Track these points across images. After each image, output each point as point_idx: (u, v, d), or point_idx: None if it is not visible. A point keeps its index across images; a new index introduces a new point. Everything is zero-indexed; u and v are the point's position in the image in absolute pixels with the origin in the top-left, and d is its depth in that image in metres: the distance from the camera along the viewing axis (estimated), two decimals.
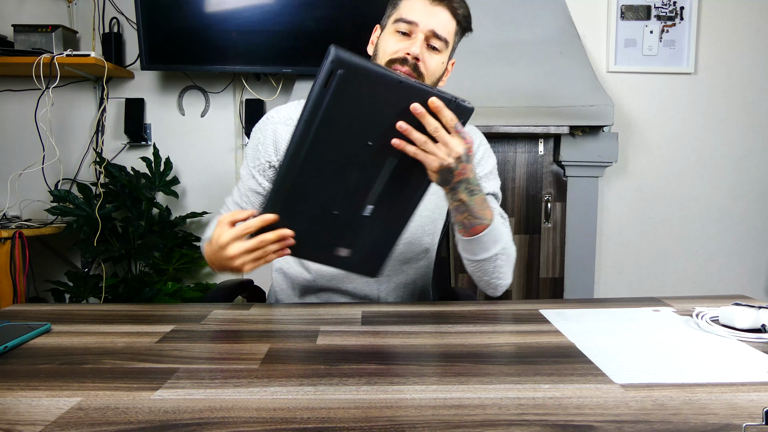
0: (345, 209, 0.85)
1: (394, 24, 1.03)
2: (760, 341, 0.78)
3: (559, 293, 2.34)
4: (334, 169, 0.81)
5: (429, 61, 1.02)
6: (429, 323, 0.88)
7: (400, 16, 1.02)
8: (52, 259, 2.43)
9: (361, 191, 0.84)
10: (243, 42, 2.18)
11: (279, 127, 1.10)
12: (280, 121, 1.11)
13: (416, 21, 1.00)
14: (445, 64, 1.06)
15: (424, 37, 1.01)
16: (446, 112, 0.78)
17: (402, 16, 1.01)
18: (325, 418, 0.55)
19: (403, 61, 1.00)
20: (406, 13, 1.02)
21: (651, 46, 2.46)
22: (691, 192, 2.56)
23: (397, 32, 1.02)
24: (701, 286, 2.58)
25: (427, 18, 1.01)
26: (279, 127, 1.10)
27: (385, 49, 1.03)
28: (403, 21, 1.01)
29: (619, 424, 0.53)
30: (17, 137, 2.37)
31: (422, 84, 0.79)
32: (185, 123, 2.43)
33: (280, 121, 1.11)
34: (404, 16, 1.01)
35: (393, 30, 1.03)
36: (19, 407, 0.57)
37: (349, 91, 0.75)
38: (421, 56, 1.00)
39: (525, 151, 2.30)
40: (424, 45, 1.01)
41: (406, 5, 1.03)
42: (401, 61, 1.00)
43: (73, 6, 2.35)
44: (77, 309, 1.00)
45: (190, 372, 0.67)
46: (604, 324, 0.87)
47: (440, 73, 1.06)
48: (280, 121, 1.11)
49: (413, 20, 1.00)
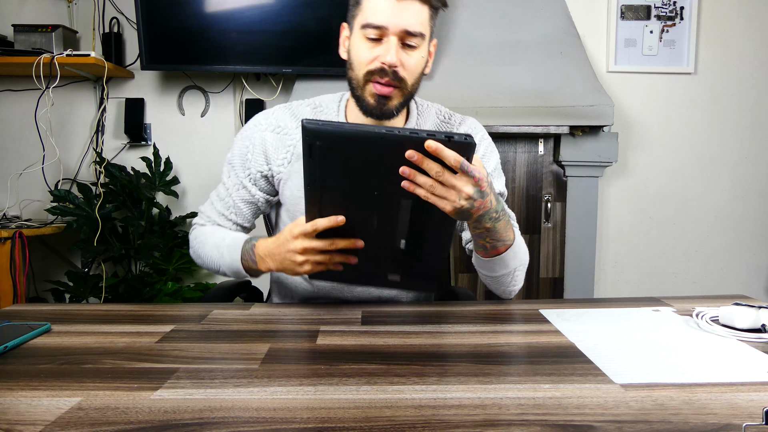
0: (380, 246, 0.86)
1: (362, 30, 0.95)
2: (760, 341, 0.78)
3: (559, 293, 2.34)
4: (355, 220, 0.84)
5: (407, 61, 0.96)
6: (429, 323, 0.88)
7: (366, 21, 0.94)
8: (52, 259, 2.43)
9: (388, 231, 0.84)
10: (243, 42, 2.18)
11: (267, 135, 1.06)
12: (269, 129, 1.07)
13: (385, 24, 0.93)
14: (425, 56, 1.00)
15: (397, 39, 0.94)
16: (447, 153, 0.73)
17: (368, 20, 0.94)
18: (325, 418, 0.55)
19: (381, 71, 0.95)
20: (372, 16, 0.93)
21: (651, 46, 2.46)
22: (691, 192, 2.56)
23: (367, 39, 0.95)
24: (701, 286, 2.58)
25: (396, 18, 0.92)
26: (267, 135, 1.06)
27: (359, 59, 0.97)
28: (371, 26, 0.94)
29: (619, 424, 0.53)
30: (17, 137, 2.37)
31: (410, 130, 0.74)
32: (185, 123, 2.43)
33: (268, 129, 1.07)
34: (371, 20, 0.93)
35: (362, 36, 0.96)
36: (19, 407, 0.57)
37: (335, 156, 0.77)
38: (398, 61, 0.94)
39: (525, 151, 2.30)
40: (398, 47, 0.94)
41: (369, 5, 0.94)
42: (379, 72, 0.95)
43: (73, 6, 2.35)
44: (77, 309, 1.00)
45: (190, 372, 0.67)
46: (604, 324, 0.87)
47: (422, 65, 1.00)
48: (269, 129, 1.07)
49: (381, 24, 0.93)
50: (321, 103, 1.09)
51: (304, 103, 1.10)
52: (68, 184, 2.37)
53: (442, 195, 0.76)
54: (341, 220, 0.83)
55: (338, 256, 0.87)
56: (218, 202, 1.10)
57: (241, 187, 1.08)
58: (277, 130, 1.06)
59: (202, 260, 1.09)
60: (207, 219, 1.11)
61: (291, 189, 1.06)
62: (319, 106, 1.08)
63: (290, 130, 1.05)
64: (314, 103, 1.09)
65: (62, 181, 2.35)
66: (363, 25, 0.95)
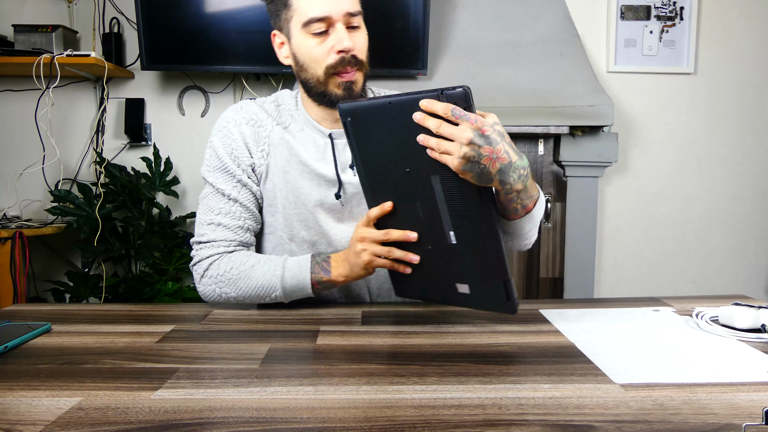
0: (433, 243, 0.85)
1: (304, 28, 0.95)
2: (760, 341, 0.78)
3: (559, 293, 2.34)
4: (402, 209, 0.86)
5: (358, 42, 0.96)
6: (429, 323, 0.88)
7: (307, 17, 0.94)
8: (52, 259, 2.43)
9: (434, 221, 0.83)
10: (243, 42, 2.18)
11: (244, 129, 1.03)
12: (243, 122, 1.03)
13: (329, 14, 0.93)
14: (366, 31, 1.00)
15: (343, 24, 0.94)
16: (438, 106, 0.73)
17: (310, 15, 0.93)
18: (325, 418, 0.55)
19: (341, 62, 0.95)
20: (311, 10, 0.93)
21: (651, 46, 2.46)
22: (691, 192, 2.56)
23: (313, 35, 0.95)
24: (701, 286, 2.58)
25: (335, 3, 0.93)
26: (244, 128, 1.03)
27: (311, 58, 0.96)
28: (315, 21, 0.93)
29: (619, 424, 0.53)
30: (17, 137, 2.37)
31: (409, 94, 0.76)
32: (185, 123, 2.43)
33: (243, 122, 1.03)
34: (313, 14, 0.93)
35: (307, 34, 0.95)
36: (19, 407, 0.58)
37: (365, 132, 0.83)
38: (353, 44, 0.95)
39: (525, 151, 2.30)
40: (345, 31, 0.94)
41: (307, 3, 0.94)
42: (340, 63, 0.95)
43: (73, 6, 2.35)
44: (77, 309, 1.00)
45: (190, 372, 0.67)
46: (604, 324, 0.87)
47: (368, 41, 1.00)
48: (243, 122, 1.03)
49: (325, 15, 0.93)
50: (283, 101, 1.08)
51: (267, 100, 1.09)
52: (68, 184, 2.37)
53: (446, 149, 0.74)
54: (389, 206, 0.86)
55: (397, 251, 0.87)
56: (225, 218, 1.00)
57: (242, 187, 1.02)
58: (251, 123, 1.03)
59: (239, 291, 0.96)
60: (227, 243, 0.99)
61: (272, 181, 1.03)
62: (282, 105, 1.07)
63: (263, 122, 1.04)
64: (276, 101, 1.08)
65: (62, 181, 2.34)
66: (304, 23, 0.94)
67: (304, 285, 0.94)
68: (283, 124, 1.05)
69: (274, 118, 1.05)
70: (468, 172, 0.74)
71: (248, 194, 1.03)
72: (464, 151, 0.73)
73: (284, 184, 1.03)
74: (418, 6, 2.15)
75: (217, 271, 0.97)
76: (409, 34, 2.18)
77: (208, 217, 1.00)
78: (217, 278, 0.97)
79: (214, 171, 1.02)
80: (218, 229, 0.99)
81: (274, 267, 0.95)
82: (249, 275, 0.95)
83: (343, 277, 0.94)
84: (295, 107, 1.07)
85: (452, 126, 0.73)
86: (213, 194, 1.02)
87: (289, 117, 1.06)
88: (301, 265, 0.95)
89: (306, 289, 0.95)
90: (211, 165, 1.03)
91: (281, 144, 1.03)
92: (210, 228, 1.00)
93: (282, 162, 1.02)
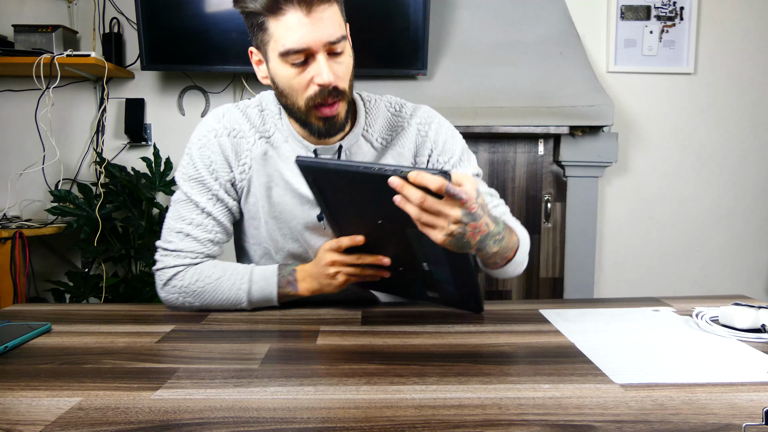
0: (406, 266, 0.89)
1: (282, 58, 0.86)
2: (760, 341, 0.78)
3: (559, 293, 2.34)
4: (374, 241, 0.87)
5: (340, 71, 0.88)
6: (429, 323, 0.88)
7: (285, 48, 0.84)
8: (52, 259, 2.43)
9: (407, 255, 0.85)
10: (243, 42, 2.18)
11: (224, 141, 0.98)
12: (224, 134, 0.98)
13: (306, 46, 0.84)
14: (351, 53, 0.92)
15: (324, 54, 0.86)
16: (428, 179, 0.70)
17: (287, 47, 0.84)
18: (325, 418, 0.55)
19: (320, 93, 0.87)
20: (288, 41, 0.84)
21: (651, 47, 2.46)
22: (691, 192, 2.56)
23: (291, 65, 0.86)
24: (701, 286, 2.58)
25: (314, 33, 0.83)
26: (224, 140, 0.98)
27: (290, 88, 0.89)
28: (293, 52, 0.85)
29: (619, 424, 0.53)
30: (17, 137, 2.37)
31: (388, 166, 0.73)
32: (185, 123, 2.43)
33: (224, 134, 0.98)
34: (290, 46, 0.84)
35: (282, 63, 0.87)
36: (19, 407, 0.58)
37: (332, 188, 0.82)
38: (334, 77, 0.86)
39: (525, 151, 2.30)
40: (327, 61, 0.86)
41: (280, 30, 0.84)
42: (320, 95, 0.87)
43: (73, 6, 2.35)
44: (77, 309, 1.00)
45: (190, 372, 0.67)
46: (604, 324, 0.87)
47: (352, 64, 0.93)
48: (224, 134, 0.98)
49: (303, 47, 0.84)
50: (266, 106, 1.01)
51: (251, 103, 1.02)
52: (68, 184, 2.37)
53: (430, 222, 0.73)
54: (360, 240, 0.87)
55: (369, 270, 0.90)
56: (196, 230, 0.97)
57: (216, 201, 0.98)
58: (233, 134, 0.98)
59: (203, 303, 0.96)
60: (193, 255, 0.97)
61: (255, 196, 1.00)
62: (265, 109, 1.01)
63: (245, 133, 0.98)
64: (260, 105, 1.01)
65: (62, 181, 2.34)
66: (281, 53, 0.85)
67: (271, 298, 0.96)
68: (266, 134, 0.99)
69: (257, 129, 0.99)
70: (450, 244, 0.76)
71: (222, 208, 0.99)
72: (452, 228, 0.74)
73: (266, 200, 0.99)
74: (418, 6, 2.15)
75: (181, 282, 0.95)
76: (409, 34, 2.18)
77: (178, 224, 0.97)
78: (181, 289, 0.95)
79: (190, 180, 0.98)
80: (186, 239, 0.97)
81: (240, 280, 0.95)
82: (215, 288, 0.95)
83: (311, 292, 0.95)
84: (279, 116, 1.00)
85: (438, 202, 0.72)
86: (186, 202, 0.98)
87: (272, 125, 0.99)
88: (267, 279, 0.95)
89: (272, 302, 0.96)
90: (187, 173, 0.99)
91: (264, 159, 0.98)
92: (179, 237, 0.97)
93: (264, 178, 0.98)
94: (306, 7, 0.83)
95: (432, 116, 1.05)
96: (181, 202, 0.98)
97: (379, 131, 1.02)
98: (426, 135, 1.03)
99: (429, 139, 1.03)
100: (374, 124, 1.02)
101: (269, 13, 0.84)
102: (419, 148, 1.03)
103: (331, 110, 0.90)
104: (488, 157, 2.30)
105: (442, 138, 1.03)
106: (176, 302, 0.97)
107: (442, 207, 0.72)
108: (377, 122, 1.03)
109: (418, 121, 1.03)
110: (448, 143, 1.04)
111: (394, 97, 1.08)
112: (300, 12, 0.83)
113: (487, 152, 2.29)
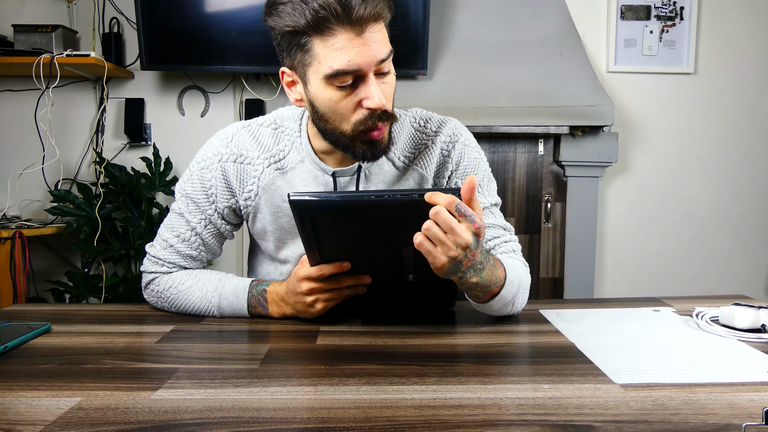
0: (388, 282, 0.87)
1: (328, 80, 0.80)
2: (760, 341, 0.78)
3: (559, 293, 2.34)
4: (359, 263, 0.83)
5: (387, 91, 0.84)
6: (429, 323, 0.88)
7: (333, 69, 0.79)
8: (52, 259, 2.43)
9: (394, 271, 0.84)
10: (243, 42, 2.18)
11: (229, 167, 0.96)
12: (230, 159, 0.96)
13: (358, 67, 0.79)
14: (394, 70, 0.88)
15: (373, 76, 0.81)
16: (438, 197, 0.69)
17: (335, 68, 0.78)
18: (325, 418, 0.55)
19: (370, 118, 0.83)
20: (337, 62, 0.78)
21: (651, 46, 2.46)
22: (691, 192, 2.56)
23: (337, 87, 0.81)
24: (701, 286, 2.58)
25: (366, 54, 0.79)
26: (229, 166, 0.96)
27: (337, 113, 0.84)
28: (344, 73, 0.79)
29: (619, 424, 0.53)
30: (17, 137, 2.37)
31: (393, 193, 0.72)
32: (185, 123, 2.43)
33: (229, 160, 0.96)
34: (339, 67, 0.78)
35: (330, 86, 0.81)
36: (19, 407, 0.58)
37: (329, 223, 0.78)
38: (386, 99, 0.82)
39: (525, 151, 2.30)
40: (377, 85, 0.82)
41: (329, 52, 0.79)
42: (371, 119, 0.83)
43: (73, 6, 2.35)
44: (77, 309, 1.00)
45: (190, 372, 0.67)
46: (604, 324, 0.87)
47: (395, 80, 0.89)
48: (230, 159, 0.96)
49: (356, 68, 0.79)
50: (283, 123, 0.98)
51: (265, 122, 0.99)
52: (68, 184, 2.37)
53: (439, 239, 0.71)
54: (346, 266, 0.83)
55: (347, 290, 0.86)
56: (181, 244, 0.97)
57: (208, 224, 0.98)
58: (239, 160, 0.96)
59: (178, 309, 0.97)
60: (171, 265, 0.98)
61: (262, 222, 0.99)
62: (280, 127, 0.98)
63: (253, 160, 0.95)
64: (275, 123, 0.99)
65: (62, 181, 2.34)
66: (328, 75, 0.80)
67: (243, 314, 0.94)
68: (277, 156, 0.96)
69: (267, 152, 0.96)
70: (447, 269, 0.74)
71: (213, 232, 0.99)
72: (458, 253, 0.72)
73: (274, 226, 0.98)
74: (418, 6, 2.15)
75: (157, 287, 0.98)
76: (409, 34, 2.18)
77: (166, 233, 0.98)
78: (157, 293, 0.98)
79: (186, 197, 0.98)
80: (168, 250, 0.98)
81: (210, 294, 0.94)
82: (186, 296, 0.95)
83: (283, 315, 0.92)
84: (298, 134, 0.97)
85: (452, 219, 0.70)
86: (179, 216, 0.98)
87: (288, 143, 0.96)
88: (238, 295, 0.93)
89: (244, 316, 0.94)
90: (185, 189, 0.98)
91: (273, 190, 0.96)
92: (162, 245, 0.98)
93: (274, 208, 0.97)
94: (357, 27, 0.78)
95: (458, 134, 1.00)
96: (176, 215, 0.99)
97: (402, 149, 0.98)
98: (449, 155, 0.98)
99: (451, 160, 0.98)
100: (397, 141, 0.98)
101: (315, 33, 0.79)
102: (440, 168, 0.99)
103: (379, 134, 0.86)
104: (488, 157, 2.28)
105: (465, 161, 0.99)
106: (156, 305, 1.00)
107: (456, 225, 0.70)
108: (400, 139, 0.99)
109: (442, 140, 0.98)
110: (469, 167, 1.00)
111: (421, 110, 1.03)
112: (351, 32, 0.78)
113: (487, 152, 2.29)
